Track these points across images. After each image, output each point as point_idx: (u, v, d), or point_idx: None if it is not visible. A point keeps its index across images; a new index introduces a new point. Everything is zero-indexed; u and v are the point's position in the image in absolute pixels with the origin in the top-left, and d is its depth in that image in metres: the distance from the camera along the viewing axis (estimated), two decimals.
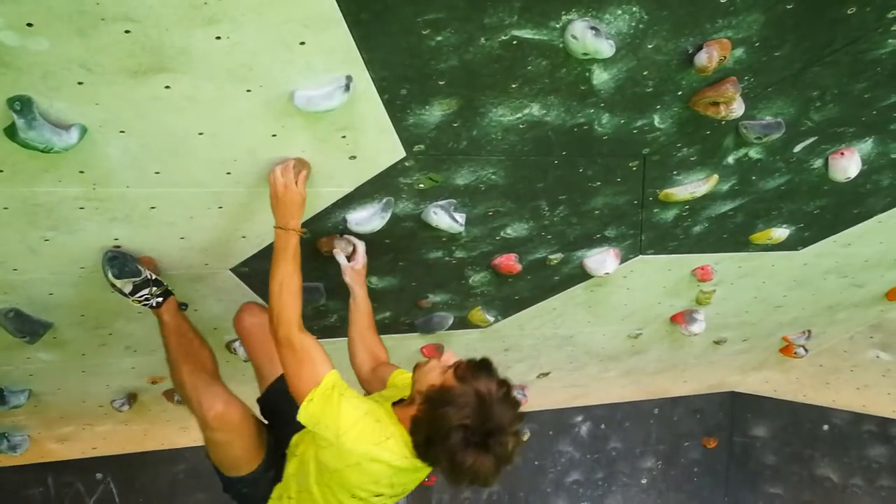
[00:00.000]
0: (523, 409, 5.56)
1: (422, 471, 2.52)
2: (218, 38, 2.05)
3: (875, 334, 5.54)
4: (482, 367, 2.38)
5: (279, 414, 2.90)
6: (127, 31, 1.97)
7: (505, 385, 2.36)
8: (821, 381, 6.15)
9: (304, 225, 2.85)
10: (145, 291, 2.90)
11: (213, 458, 2.82)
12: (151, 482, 5.10)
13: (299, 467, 2.65)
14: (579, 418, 6.15)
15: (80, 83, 2.09)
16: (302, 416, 2.42)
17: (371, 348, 3.06)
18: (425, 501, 5.77)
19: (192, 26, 2.00)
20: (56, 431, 4.48)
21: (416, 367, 2.52)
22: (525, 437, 5.98)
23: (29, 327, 3.15)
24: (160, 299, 2.95)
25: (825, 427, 6.43)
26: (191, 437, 4.98)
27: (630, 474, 6.44)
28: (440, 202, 3.02)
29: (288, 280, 2.56)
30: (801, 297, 4.76)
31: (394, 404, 2.56)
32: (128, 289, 2.87)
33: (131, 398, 4.20)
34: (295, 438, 2.74)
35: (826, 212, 3.74)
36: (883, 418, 6.20)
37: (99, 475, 4.99)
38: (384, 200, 2.92)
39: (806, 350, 5.65)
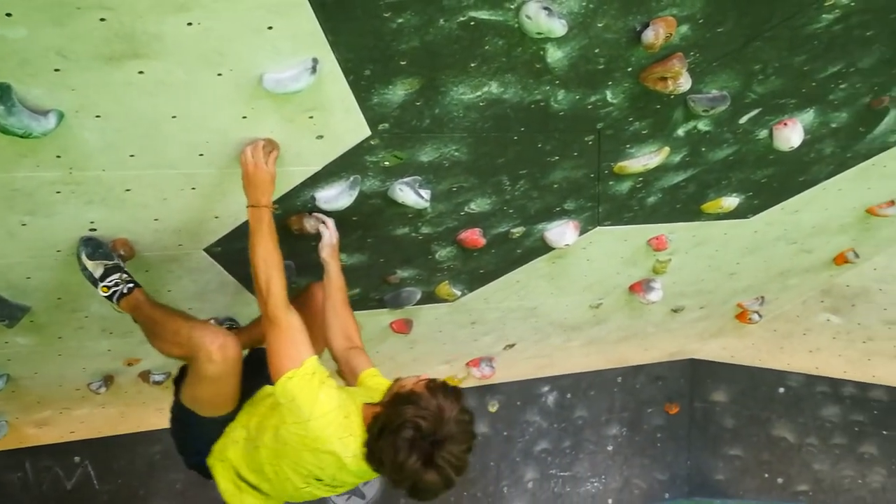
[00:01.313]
0: (491, 381, 5.74)
1: (364, 476, 2.66)
2: (189, 24, 2.15)
3: (825, 298, 5.78)
4: (453, 391, 2.51)
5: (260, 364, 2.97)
6: (102, 19, 2.06)
7: (467, 413, 2.48)
8: (775, 346, 6.40)
9: (274, 203, 2.97)
10: (116, 276, 2.96)
11: (199, 394, 2.85)
12: (129, 464, 5.17)
13: (259, 424, 2.78)
14: (546, 388, 6.33)
15: (56, 70, 2.18)
16: (278, 391, 2.56)
17: (344, 325, 3.13)
18: None
19: (164, 13, 2.09)
20: (34, 416, 4.54)
21: (396, 380, 2.66)
22: (494, 409, 6.15)
23: (7, 311, 3.22)
24: (131, 285, 2.98)
25: (781, 390, 6.69)
26: (167, 418, 5.07)
27: (596, 441, 6.64)
28: (405, 179, 3.14)
29: (268, 255, 2.66)
30: (753, 264, 4.97)
31: (365, 404, 2.67)
32: (98, 272, 2.94)
33: (108, 380, 4.27)
34: (266, 390, 2.87)
35: (773, 180, 3.93)
36: (834, 379, 6.48)
37: (77, 458, 5.05)
38: (351, 178, 3.03)
39: (760, 316, 5.87)
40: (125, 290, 2.98)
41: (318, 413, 2.52)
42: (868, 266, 5.37)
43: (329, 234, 3.13)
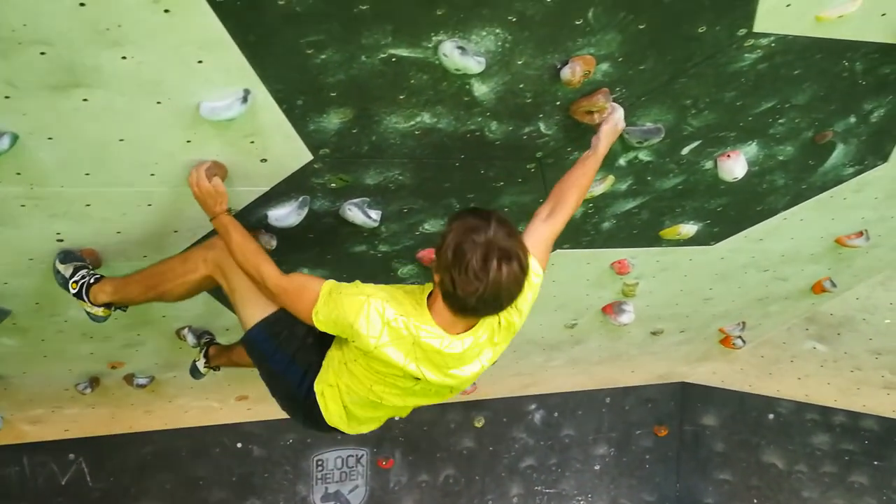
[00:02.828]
0: (477, 397, 5.85)
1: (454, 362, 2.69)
2: (124, 58, 2.36)
3: (810, 326, 5.83)
4: (469, 211, 2.58)
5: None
6: (42, 53, 2.28)
7: (495, 217, 2.49)
8: (764, 372, 6.44)
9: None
10: (84, 272, 3.21)
11: (249, 295, 3.00)
12: (121, 463, 5.42)
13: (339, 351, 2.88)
14: (532, 406, 6.45)
15: (7, 97, 2.41)
16: (321, 327, 2.74)
17: (557, 197, 3.05)
18: (383, 483, 6.09)
19: (98, 48, 2.31)
20: (27, 413, 4.81)
21: None
22: (480, 424, 6.29)
23: None
24: (97, 276, 3.20)
25: (770, 416, 6.71)
26: (156, 420, 5.32)
27: (583, 460, 6.73)
28: (354, 200, 3.33)
29: (244, 249, 2.88)
30: (727, 290, 5.05)
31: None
32: (69, 272, 3.19)
33: (94, 382, 4.52)
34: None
35: (729, 209, 4.03)
36: (825, 407, 6.48)
37: (72, 456, 5.31)
38: (300, 199, 3.23)
39: (744, 341, 5.93)
40: (92, 281, 3.19)
41: (353, 316, 2.60)
42: (850, 295, 5.42)
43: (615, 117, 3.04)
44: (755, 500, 6.83)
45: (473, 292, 2.45)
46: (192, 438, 5.55)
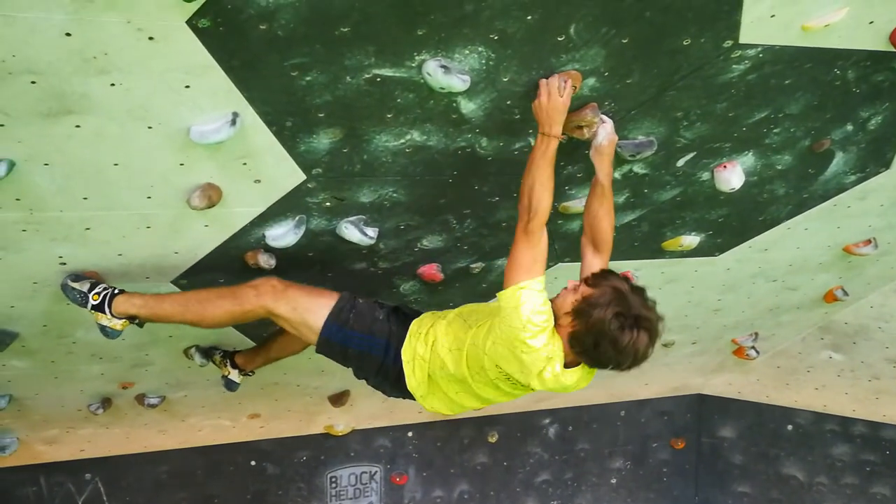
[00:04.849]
0: (490, 412, 5.85)
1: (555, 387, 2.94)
2: (112, 84, 2.42)
3: (825, 335, 5.77)
4: (607, 272, 2.90)
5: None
6: (33, 82, 2.35)
7: (627, 279, 2.84)
8: (781, 383, 6.37)
9: (225, 244, 3.25)
10: (104, 285, 3.24)
11: (309, 305, 3.17)
12: (137, 482, 5.46)
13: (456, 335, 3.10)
14: (547, 420, 6.42)
15: (1, 125, 2.48)
16: (507, 294, 2.81)
17: (594, 232, 3.26)
18: (397, 499, 6.09)
19: (86, 76, 2.37)
20: (42, 434, 4.88)
21: (553, 300, 2.89)
22: (494, 439, 6.27)
23: None
24: (120, 289, 3.23)
25: (789, 427, 6.62)
26: (171, 439, 5.37)
27: (599, 474, 6.68)
28: (350, 218, 3.36)
29: (546, 180, 2.85)
30: (735, 300, 5.02)
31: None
32: (86, 287, 3.22)
33: (106, 402, 4.58)
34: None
35: (731, 219, 4.02)
36: (843, 417, 6.39)
37: (88, 475, 5.37)
38: (296, 218, 3.27)
39: (757, 351, 5.88)
40: (116, 292, 3.22)
41: (531, 328, 2.75)
42: (864, 304, 5.37)
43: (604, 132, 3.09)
44: None
45: (620, 363, 2.77)
46: (207, 457, 5.59)
